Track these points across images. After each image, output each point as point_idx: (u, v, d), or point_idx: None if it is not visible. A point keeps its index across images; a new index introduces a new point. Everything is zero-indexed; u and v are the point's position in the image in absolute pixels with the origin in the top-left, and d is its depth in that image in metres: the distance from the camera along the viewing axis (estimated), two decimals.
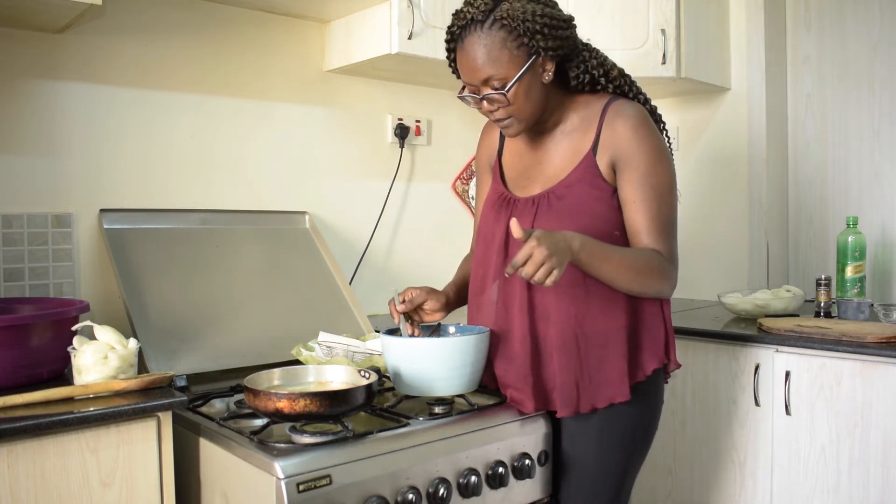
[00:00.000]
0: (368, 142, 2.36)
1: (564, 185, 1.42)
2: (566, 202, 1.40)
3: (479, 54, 1.34)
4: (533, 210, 1.43)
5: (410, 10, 1.94)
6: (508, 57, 1.34)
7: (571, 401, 1.39)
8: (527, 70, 1.35)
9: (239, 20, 2.06)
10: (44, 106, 1.77)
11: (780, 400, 1.93)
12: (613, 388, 1.39)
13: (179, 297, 1.73)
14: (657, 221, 1.39)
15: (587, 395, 1.40)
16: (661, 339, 1.46)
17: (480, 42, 1.34)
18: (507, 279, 1.44)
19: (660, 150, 1.41)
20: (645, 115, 1.42)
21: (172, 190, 1.96)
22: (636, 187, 1.39)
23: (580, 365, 1.39)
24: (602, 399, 1.40)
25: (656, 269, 1.38)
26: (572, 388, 1.39)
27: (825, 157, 2.62)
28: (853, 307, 2.10)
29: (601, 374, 1.40)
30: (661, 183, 1.40)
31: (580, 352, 1.39)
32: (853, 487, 1.82)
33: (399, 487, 1.23)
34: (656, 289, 1.40)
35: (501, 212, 1.48)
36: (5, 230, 1.71)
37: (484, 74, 1.35)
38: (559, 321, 1.39)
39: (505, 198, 1.50)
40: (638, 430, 1.46)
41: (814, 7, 2.63)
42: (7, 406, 1.19)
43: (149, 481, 1.27)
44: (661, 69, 2.34)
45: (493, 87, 1.36)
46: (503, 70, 1.34)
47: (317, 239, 2.08)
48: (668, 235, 1.42)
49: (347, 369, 1.38)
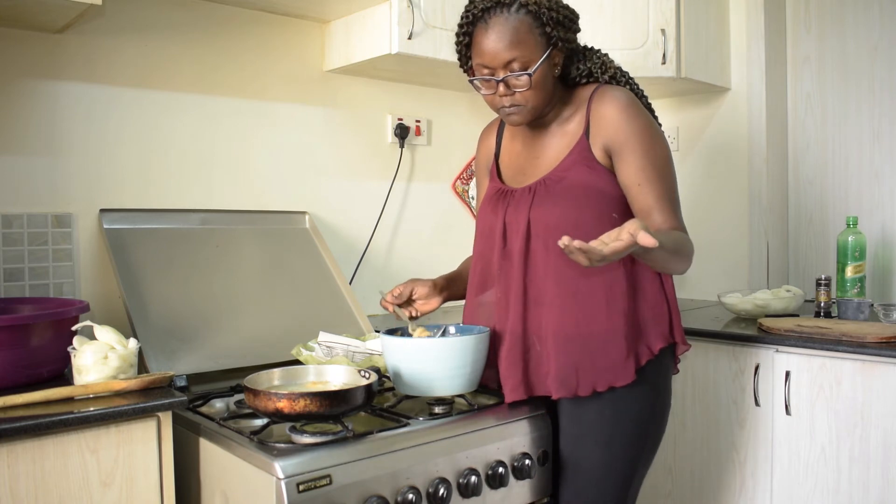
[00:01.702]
0: (368, 142, 2.36)
1: (561, 170, 1.43)
2: (563, 184, 1.41)
3: (505, 36, 1.34)
4: (529, 197, 1.43)
5: (410, 10, 1.94)
6: (535, 41, 1.35)
7: (570, 384, 1.38)
8: (546, 58, 1.37)
9: (239, 20, 2.06)
10: (44, 106, 1.77)
11: (780, 400, 1.93)
12: (616, 370, 1.38)
13: (179, 297, 1.73)
14: (665, 199, 1.39)
15: (588, 378, 1.38)
16: (665, 317, 1.44)
17: (508, 24, 1.34)
18: (501, 269, 1.45)
19: (652, 126, 1.42)
20: (631, 96, 1.43)
21: (172, 190, 1.96)
22: (638, 169, 1.38)
23: (579, 349, 1.38)
24: (603, 382, 1.38)
25: (689, 250, 1.38)
26: (571, 371, 1.38)
27: (825, 157, 2.62)
28: (853, 307, 2.10)
29: (604, 357, 1.38)
30: (660, 158, 1.40)
31: (580, 336, 1.38)
32: (853, 487, 1.82)
33: (399, 487, 1.23)
34: (684, 266, 1.40)
35: (499, 204, 1.49)
36: (5, 230, 1.71)
37: (509, 56, 1.35)
38: (556, 304, 1.39)
39: (502, 191, 1.51)
40: (647, 430, 1.44)
41: (814, 7, 2.63)
42: (7, 406, 1.19)
43: (149, 481, 1.27)
44: (661, 69, 2.34)
45: (513, 70, 1.36)
46: (528, 52, 1.35)
47: (317, 239, 2.08)
48: (678, 210, 1.42)
49: (347, 369, 1.38)
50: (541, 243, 1.41)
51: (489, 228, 1.50)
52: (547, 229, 1.40)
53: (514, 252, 1.44)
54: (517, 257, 1.43)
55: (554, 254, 1.38)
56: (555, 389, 1.39)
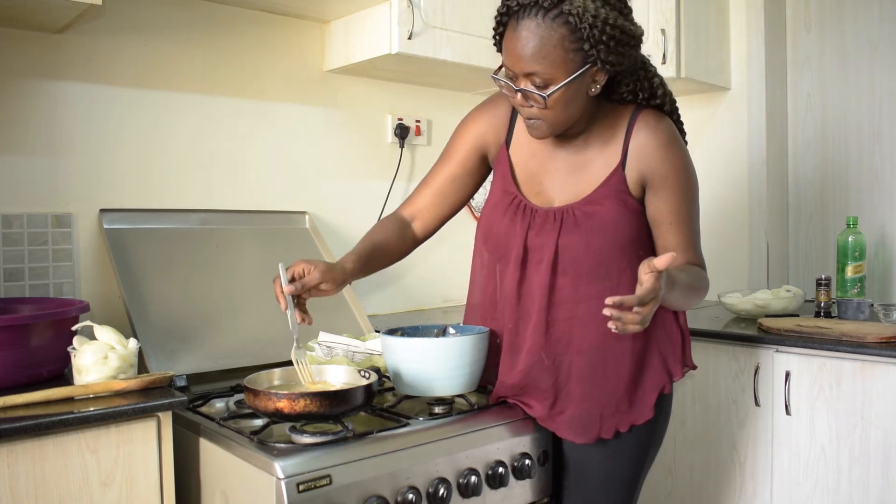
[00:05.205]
0: (368, 142, 2.36)
1: (592, 201, 1.34)
2: (596, 220, 1.33)
3: (530, 44, 1.20)
4: (556, 225, 1.34)
5: (410, 10, 1.94)
6: (562, 58, 1.20)
7: (592, 430, 1.36)
8: (576, 78, 1.23)
9: (239, 20, 2.06)
10: (44, 106, 1.77)
11: (780, 400, 1.93)
12: (641, 408, 1.38)
13: (179, 297, 1.73)
14: (691, 238, 1.38)
15: (612, 421, 1.37)
16: (679, 345, 1.43)
17: (537, 31, 1.19)
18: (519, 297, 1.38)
19: (689, 164, 1.39)
20: (674, 130, 1.37)
21: (172, 190, 1.96)
22: (672, 207, 1.35)
23: (606, 393, 1.36)
24: (626, 423, 1.37)
25: (704, 286, 1.38)
26: (594, 417, 1.36)
27: (825, 157, 2.62)
28: (853, 307, 2.10)
29: (630, 397, 1.37)
30: (694, 199, 1.39)
31: (607, 378, 1.36)
32: (853, 487, 1.82)
33: (399, 487, 1.23)
34: (698, 302, 1.39)
35: (517, 221, 1.38)
36: (5, 230, 1.71)
37: (529, 68, 1.22)
38: (583, 345, 1.35)
39: (519, 203, 1.39)
40: (653, 437, 1.44)
41: (814, 7, 2.63)
42: (7, 406, 1.19)
43: (149, 481, 1.27)
44: (661, 69, 2.30)
45: (534, 84, 1.23)
46: (551, 70, 1.21)
47: (317, 239, 2.08)
48: (699, 247, 1.41)
49: (347, 369, 1.38)
50: (568, 279, 1.34)
51: (503, 243, 1.40)
52: (575, 264, 1.33)
53: (534, 282, 1.37)
54: (538, 288, 1.36)
55: (582, 293, 1.33)
56: (574, 434, 1.36)
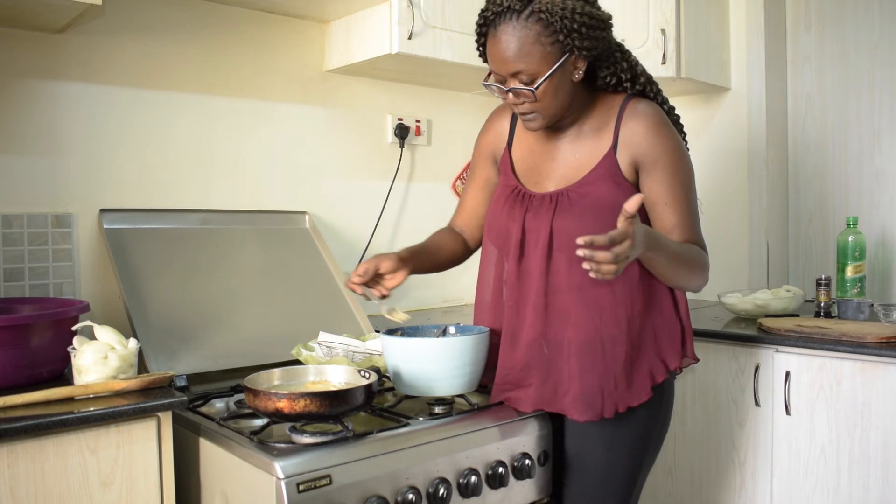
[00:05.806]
0: (368, 142, 2.36)
1: (585, 183, 1.39)
2: (588, 200, 1.38)
3: (510, 46, 1.30)
4: (551, 207, 1.40)
5: (410, 10, 1.94)
6: (541, 53, 1.30)
7: (595, 406, 1.36)
8: (558, 68, 1.32)
9: (239, 20, 2.06)
10: (44, 106, 1.77)
11: (780, 400, 1.93)
12: (635, 391, 1.38)
13: (179, 297, 1.73)
14: (688, 217, 1.40)
15: (612, 399, 1.37)
16: (678, 336, 1.44)
17: (514, 34, 1.29)
18: (519, 278, 1.42)
19: (680, 146, 1.42)
20: (662, 114, 1.42)
21: (172, 190, 1.96)
22: (666, 188, 1.38)
23: (605, 369, 1.36)
24: (623, 403, 1.38)
25: (701, 263, 1.39)
26: (596, 392, 1.36)
27: (825, 157, 2.62)
28: (853, 307, 2.10)
29: (626, 378, 1.37)
30: (687, 179, 1.41)
31: (605, 355, 1.37)
32: (853, 487, 1.82)
33: (399, 487, 1.23)
34: (698, 282, 1.40)
35: (515, 207, 1.44)
36: (5, 230, 1.71)
37: (514, 68, 1.31)
38: (581, 323, 1.37)
39: (518, 192, 1.46)
40: (652, 431, 1.44)
41: (814, 7, 2.63)
42: (7, 406, 1.19)
43: (149, 481, 1.27)
44: (662, 69, 2.34)
45: (521, 82, 1.32)
46: (534, 65, 1.30)
47: (317, 239, 2.08)
48: (698, 228, 1.43)
49: (347, 369, 1.38)
50: (564, 257, 1.38)
51: (504, 231, 1.46)
52: (571, 244, 1.34)
53: (532, 262, 1.41)
54: (537, 269, 1.40)
55: (578, 272, 1.34)
56: (578, 412, 1.37)
